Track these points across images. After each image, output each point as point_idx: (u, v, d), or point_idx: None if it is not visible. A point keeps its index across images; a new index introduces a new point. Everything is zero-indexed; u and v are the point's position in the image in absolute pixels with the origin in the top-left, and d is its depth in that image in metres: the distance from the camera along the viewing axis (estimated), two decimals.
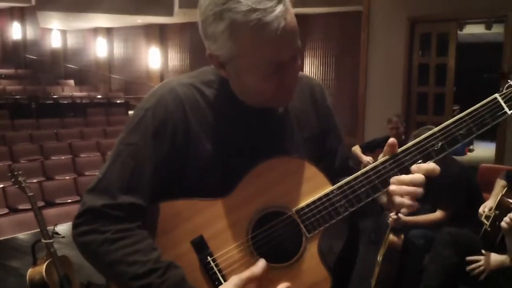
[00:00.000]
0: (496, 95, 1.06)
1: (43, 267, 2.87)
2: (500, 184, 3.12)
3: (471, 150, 10.73)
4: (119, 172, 1.09)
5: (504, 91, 1.06)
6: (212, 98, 1.15)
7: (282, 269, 1.10)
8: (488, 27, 8.31)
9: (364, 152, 5.17)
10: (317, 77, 9.34)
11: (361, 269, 4.09)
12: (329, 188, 1.10)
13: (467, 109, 1.08)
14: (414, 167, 1.06)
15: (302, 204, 1.11)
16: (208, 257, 1.10)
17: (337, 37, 8.92)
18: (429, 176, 1.05)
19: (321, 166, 1.15)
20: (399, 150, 1.08)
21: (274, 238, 1.11)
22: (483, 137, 11.22)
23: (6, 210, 5.66)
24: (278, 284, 1.08)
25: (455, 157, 3.86)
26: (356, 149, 5.24)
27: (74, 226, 1.09)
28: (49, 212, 4.85)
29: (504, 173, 3.23)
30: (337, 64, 9.06)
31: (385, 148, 1.10)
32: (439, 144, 1.06)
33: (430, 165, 1.06)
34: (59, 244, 3.11)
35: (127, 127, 1.13)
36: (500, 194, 2.91)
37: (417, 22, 7.19)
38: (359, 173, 1.09)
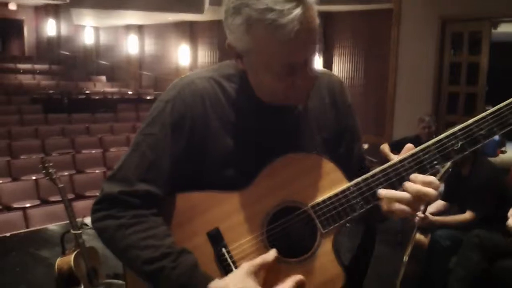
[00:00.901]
0: None
1: (71, 257, 2.94)
2: None
3: (503, 152, 10.45)
4: (137, 161, 1.12)
5: None
6: (232, 93, 1.16)
7: (296, 263, 1.11)
8: None
9: (392, 151, 5.11)
10: (346, 76, 9.23)
11: (387, 269, 4.06)
12: (346, 185, 1.10)
13: None
14: (412, 176, 1.05)
15: (318, 199, 1.10)
16: (223, 249, 1.12)
17: (366, 35, 8.80)
18: (427, 186, 1.03)
19: (339, 165, 1.15)
20: (419, 148, 1.06)
21: (289, 233, 1.12)
22: None
23: (38, 202, 5.81)
24: None
25: None
26: (385, 147, 5.19)
27: (93, 212, 1.13)
28: (79, 204, 4.97)
29: None
30: (366, 63, 8.94)
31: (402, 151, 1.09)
32: (459, 144, 1.04)
33: (428, 177, 1.04)
34: (87, 236, 3.19)
35: (148, 118, 1.16)
36: None
37: (449, 20, 7.06)
38: (377, 170, 1.08)
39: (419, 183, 1.03)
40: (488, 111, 1.05)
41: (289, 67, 1.04)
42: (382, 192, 1.06)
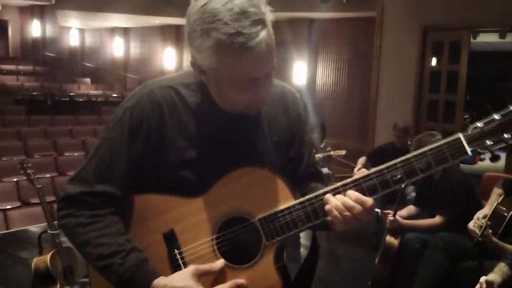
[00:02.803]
0: (460, 135, 1.10)
1: (48, 257, 2.98)
2: (496, 193, 3.14)
3: (482, 160, 10.60)
4: (97, 163, 1.21)
5: (470, 133, 1.10)
6: (190, 100, 1.24)
7: (240, 270, 1.20)
8: (502, 36, 8.25)
9: (371, 159, 5.22)
10: (329, 82, 9.35)
11: (361, 271, 4.12)
12: (292, 202, 1.19)
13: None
14: (349, 192, 1.15)
15: (265, 213, 1.19)
16: (176, 250, 1.21)
17: (350, 42, 8.93)
18: (360, 204, 1.13)
19: (288, 170, 1.25)
20: (362, 175, 1.16)
21: (236, 241, 1.21)
22: None
23: (18, 203, 5.80)
24: None
25: (465, 165, 3.88)
26: (361, 161, 5.30)
27: (57, 210, 1.23)
28: None
29: (501, 181, 3.25)
30: (349, 70, 9.07)
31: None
32: (398, 176, 1.13)
33: (362, 197, 1.13)
34: (64, 237, 3.22)
35: (109, 123, 1.24)
36: (496, 203, 2.94)
37: (430, 29, 7.20)
38: (320, 191, 1.18)
39: (353, 199, 1.14)
40: (428, 147, 1.12)
41: (252, 81, 1.13)
42: (328, 197, 1.16)
